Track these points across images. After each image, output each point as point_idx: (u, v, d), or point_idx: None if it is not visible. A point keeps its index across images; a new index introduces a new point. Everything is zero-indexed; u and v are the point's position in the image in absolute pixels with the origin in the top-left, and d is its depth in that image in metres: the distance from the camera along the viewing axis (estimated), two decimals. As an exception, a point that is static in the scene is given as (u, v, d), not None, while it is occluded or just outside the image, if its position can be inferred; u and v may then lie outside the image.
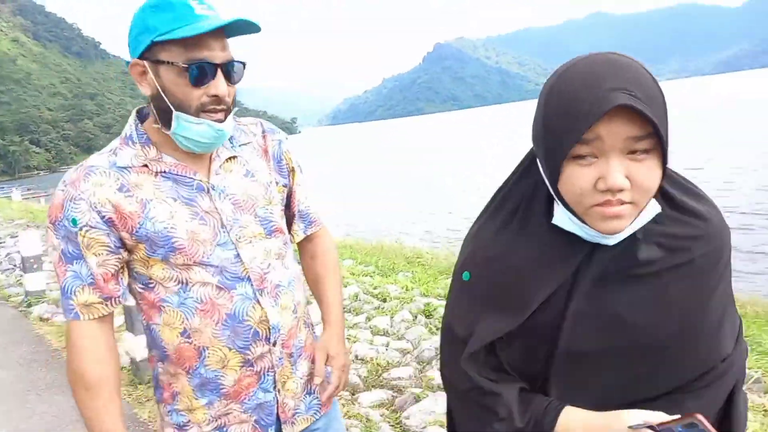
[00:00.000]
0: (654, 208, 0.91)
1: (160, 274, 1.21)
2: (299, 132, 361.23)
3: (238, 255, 1.23)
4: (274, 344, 1.28)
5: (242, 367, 1.25)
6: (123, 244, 1.20)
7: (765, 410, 3.06)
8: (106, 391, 1.21)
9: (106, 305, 1.21)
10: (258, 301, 1.24)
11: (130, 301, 3.82)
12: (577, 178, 0.85)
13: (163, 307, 1.22)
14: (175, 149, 1.23)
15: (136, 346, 4.09)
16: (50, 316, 6.05)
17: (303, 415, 1.37)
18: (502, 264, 0.98)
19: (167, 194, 1.20)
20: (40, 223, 14.89)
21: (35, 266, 6.80)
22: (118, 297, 1.22)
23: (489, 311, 0.99)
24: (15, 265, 9.24)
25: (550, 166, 0.89)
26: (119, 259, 1.20)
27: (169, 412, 1.29)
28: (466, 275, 1.05)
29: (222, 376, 1.24)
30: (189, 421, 1.27)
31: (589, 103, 0.82)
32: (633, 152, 0.83)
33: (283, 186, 1.38)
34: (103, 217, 1.16)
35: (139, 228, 1.17)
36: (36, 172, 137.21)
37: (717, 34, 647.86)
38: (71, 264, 1.18)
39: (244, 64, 1.22)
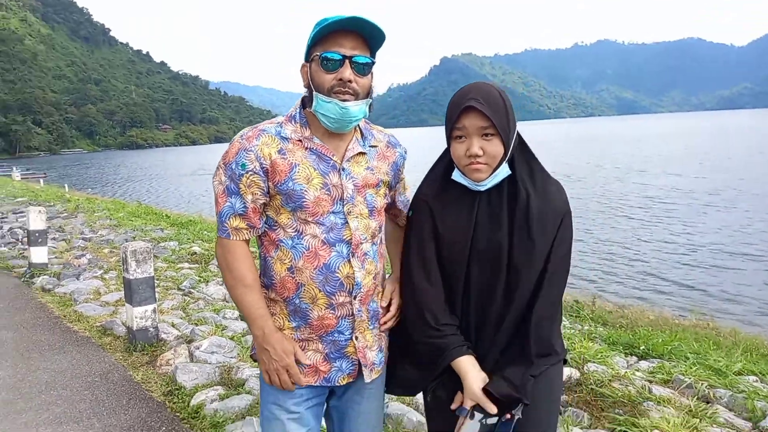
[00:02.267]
0: (504, 171, 1.58)
1: (285, 221, 1.59)
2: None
3: (346, 222, 1.59)
4: (355, 297, 1.62)
5: (327, 308, 1.60)
6: (269, 191, 1.59)
7: (689, 410, 3.46)
8: (257, 288, 1.63)
9: (250, 231, 1.61)
10: (349, 261, 1.60)
11: (130, 275, 4.23)
12: (456, 149, 1.59)
13: (280, 245, 1.60)
14: (323, 133, 1.61)
15: (131, 317, 4.47)
16: (52, 287, 6.41)
17: (377, 367, 1.73)
18: (432, 202, 1.66)
19: (311, 164, 1.59)
20: (42, 202, 15.21)
21: (40, 240, 7.17)
22: (259, 227, 1.62)
23: (425, 233, 1.66)
24: (18, 239, 9.57)
25: (447, 144, 1.64)
26: (266, 200, 1.60)
27: None
28: (410, 212, 1.73)
29: (310, 309, 1.61)
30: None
31: (457, 106, 1.56)
32: (484, 135, 1.54)
33: (389, 186, 1.76)
34: (263, 167, 1.56)
35: (283, 183, 1.56)
36: (37, 152, 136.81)
37: (721, 71, 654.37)
38: (230, 197, 1.58)
39: (372, 62, 1.58)
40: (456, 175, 1.61)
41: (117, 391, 3.77)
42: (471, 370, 1.57)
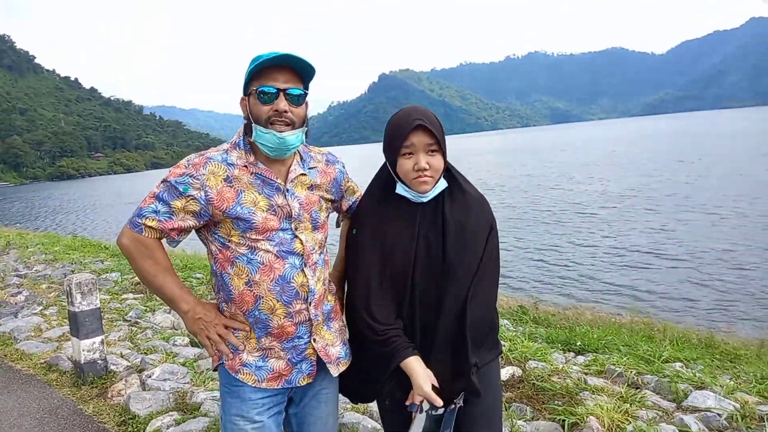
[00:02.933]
0: (443, 183, 1.82)
1: (237, 239, 1.74)
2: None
3: (294, 237, 1.76)
4: (310, 303, 1.78)
5: (285, 317, 1.76)
6: (211, 217, 1.73)
7: (621, 396, 3.76)
8: (173, 271, 1.80)
9: (158, 234, 1.73)
10: (303, 271, 1.77)
11: (76, 308, 4.18)
12: (403, 165, 1.77)
13: (235, 261, 1.74)
14: (265, 158, 1.76)
15: (78, 350, 4.41)
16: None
17: (343, 359, 1.90)
18: (373, 219, 1.84)
19: (256, 189, 1.74)
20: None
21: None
22: (173, 240, 1.76)
23: (369, 250, 1.84)
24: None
25: (391, 161, 1.82)
26: (195, 225, 1.74)
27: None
28: (354, 230, 1.89)
29: (270, 319, 1.75)
30: (243, 349, 1.79)
31: (405, 125, 1.76)
32: (429, 151, 1.76)
33: (332, 200, 1.94)
34: (208, 197, 1.70)
35: (231, 209, 1.71)
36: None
37: (644, 79, 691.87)
38: (158, 202, 1.71)
39: (305, 93, 1.75)
40: (400, 189, 1.81)
41: (68, 426, 3.73)
42: (418, 369, 1.75)
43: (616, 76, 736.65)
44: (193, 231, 1.83)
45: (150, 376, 4.29)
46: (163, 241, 1.79)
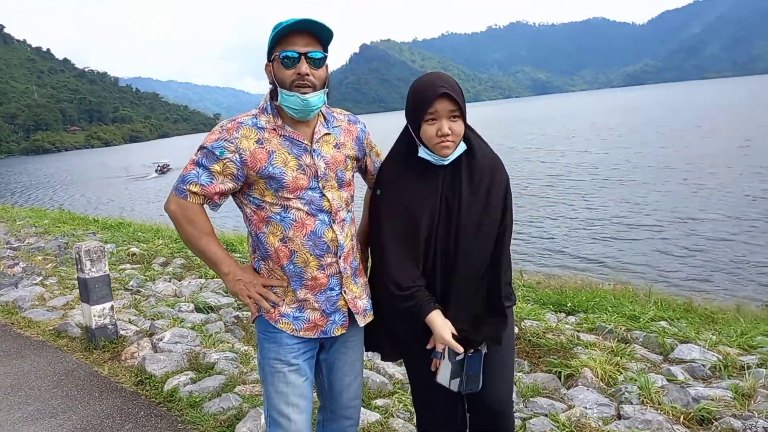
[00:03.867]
0: (463, 146, 1.94)
1: (270, 199, 1.86)
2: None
3: (323, 195, 1.88)
4: (339, 257, 1.92)
5: (318, 269, 1.89)
6: (246, 178, 1.85)
7: (612, 350, 4.01)
8: (216, 237, 1.94)
9: (202, 200, 1.86)
10: (331, 227, 1.90)
11: (86, 274, 4.29)
12: (427, 131, 1.89)
13: (270, 220, 1.88)
14: (292, 121, 1.88)
15: (89, 316, 4.53)
16: (-11, 298, 6.24)
17: (369, 311, 2.05)
18: (397, 180, 1.97)
19: (286, 149, 1.86)
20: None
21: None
22: (215, 204, 1.89)
23: (395, 209, 1.96)
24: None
25: (414, 126, 1.93)
26: (234, 187, 1.86)
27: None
28: (378, 191, 2.01)
29: (303, 271, 1.89)
30: (282, 300, 1.94)
31: (430, 93, 1.87)
32: (452, 117, 1.87)
33: (356, 158, 2.05)
34: (242, 158, 1.82)
35: (264, 169, 1.83)
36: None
37: (625, 49, 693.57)
38: (198, 167, 1.84)
39: (324, 56, 1.85)
40: (422, 153, 1.94)
41: (86, 386, 3.88)
42: (438, 320, 1.92)
43: (598, 46, 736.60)
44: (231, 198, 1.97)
45: (161, 340, 4.44)
46: (206, 207, 1.92)
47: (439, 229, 1.95)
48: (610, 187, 20.11)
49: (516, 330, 4.42)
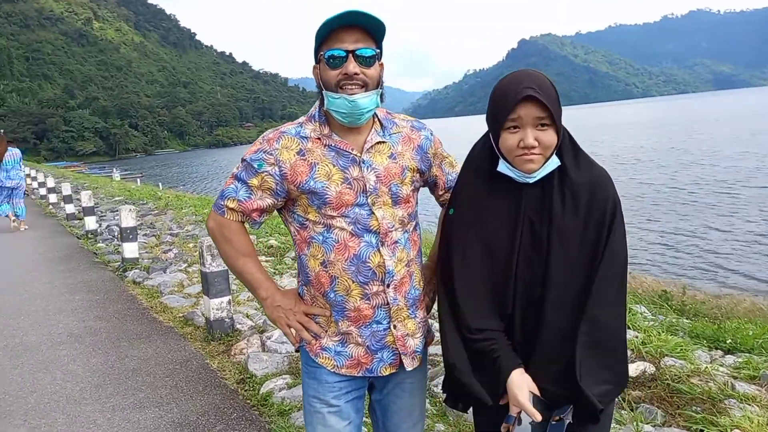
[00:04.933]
0: (554, 162, 1.53)
1: (313, 217, 1.64)
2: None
3: (371, 213, 1.61)
4: (388, 286, 1.64)
5: (362, 298, 1.63)
6: (288, 194, 1.65)
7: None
8: (256, 257, 1.76)
9: (241, 217, 1.68)
10: (379, 250, 1.62)
11: (207, 268, 4.39)
12: (507, 140, 1.51)
13: (312, 242, 1.65)
14: (341, 129, 1.64)
15: (209, 308, 4.71)
16: (141, 280, 6.88)
17: (419, 354, 1.74)
18: (473, 198, 1.62)
19: (330, 161, 1.62)
20: (136, 200, 16.32)
21: (131, 237, 7.70)
22: (255, 222, 1.70)
23: (469, 234, 1.61)
24: (114, 236, 10.33)
25: (494, 134, 1.56)
26: (274, 203, 1.67)
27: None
28: (451, 210, 1.67)
29: (345, 300, 1.64)
30: (324, 330, 1.71)
31: (512, 95, 1.48)
32: (539, 125, 1.48)
33: (419, 171, 1.74)
34: (282, 171, 1.62)
35: (305, 183, 1.61)
36: (134, 153, 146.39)
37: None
38: (237, 182, 1.67)
39: (376, 53, 1.59)
40: (502, 167, 1.56)
41: (195, 379, 4.00)
42: (515, 378, 1.53)
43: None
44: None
45: (269, 338, 4.47)
46: (247, 225, 1.74)
47: (520, 263, 1.56)
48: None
49: (653, 369, 3.75)
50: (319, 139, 1.65)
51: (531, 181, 1.53)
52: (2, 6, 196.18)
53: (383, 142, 1.69)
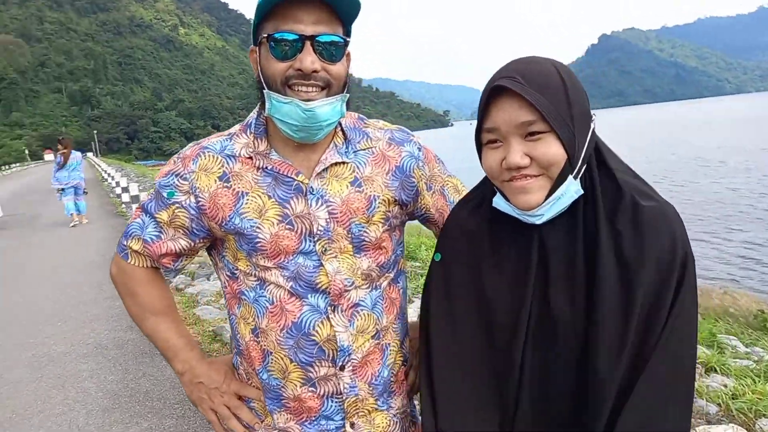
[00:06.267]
0: (574, 189, 0.94)
1: (244, 267, 1.17)
2: (451, 125, 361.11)
3: (320, 265, 1.13)
4: (342, 368, 1.16)
5: (303, 384, 1.17)
6: (209, 233, 1.19)
7: None
8: (172, 314, 1.30)
9: (148, 261, 1.23)
10: (328, 317, 1.13)
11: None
12: (487, 158, 0.99)
13: (242, 299, 1.20)
14: (285, 144, 1.15)
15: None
16: (184, 287, 6.69)
17: None
18: (465, 244, 1.08)
19: (264, 190, 1.14)
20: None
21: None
22: (168, 269, 1.25)
23: (458, 294, 1.07)
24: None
25: (478, 152, 1.02)
26: (190, 246, 1.21)
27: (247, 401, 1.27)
28: (436, 256, 1.14)
29: (282, 386, 1.18)
30: (261, 420, 1.24)
31: (486, 91, 0.96)
32: (529, 134, 0.93)
33: (396, 202, 1.21)
34: (199, 203, 1.15)
35: (229, 221, 1.14)
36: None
37: None
38: (144, 215, 1.22)
39: (345, 41, 1.09)
40: (498, 201, 1.02)
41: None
42: None
43: None
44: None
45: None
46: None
47: (530, 336, 0.98)
48: None
49: None
50: (251, 158, 1.15)
51: (537, 221, 0.97)
52: (98, 15, 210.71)
53: (343, 162, 1.17)
